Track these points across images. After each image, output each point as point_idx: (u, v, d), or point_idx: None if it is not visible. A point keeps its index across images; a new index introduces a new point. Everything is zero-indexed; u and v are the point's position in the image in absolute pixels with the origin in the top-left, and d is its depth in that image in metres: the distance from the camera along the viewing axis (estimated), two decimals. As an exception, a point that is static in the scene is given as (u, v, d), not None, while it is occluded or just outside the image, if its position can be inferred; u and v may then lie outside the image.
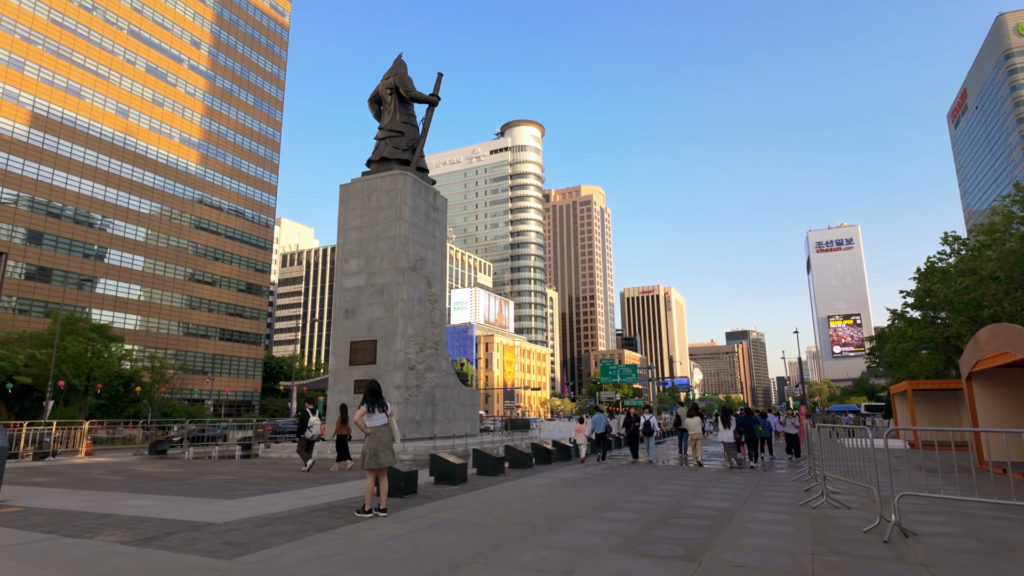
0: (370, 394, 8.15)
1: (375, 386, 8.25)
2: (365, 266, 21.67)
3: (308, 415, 16.05)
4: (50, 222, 66.06)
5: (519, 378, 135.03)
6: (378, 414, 7.99)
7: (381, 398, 8.13)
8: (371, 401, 8.05)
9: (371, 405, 8.03)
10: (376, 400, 8.05)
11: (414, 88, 23.76)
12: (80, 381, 43.44)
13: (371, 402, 8.04)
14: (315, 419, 16.15)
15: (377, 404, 8.02)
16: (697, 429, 18.31)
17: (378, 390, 8.22)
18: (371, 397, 8.09)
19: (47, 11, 68.45)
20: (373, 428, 7.93)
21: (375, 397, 8.09)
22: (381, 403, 8.06)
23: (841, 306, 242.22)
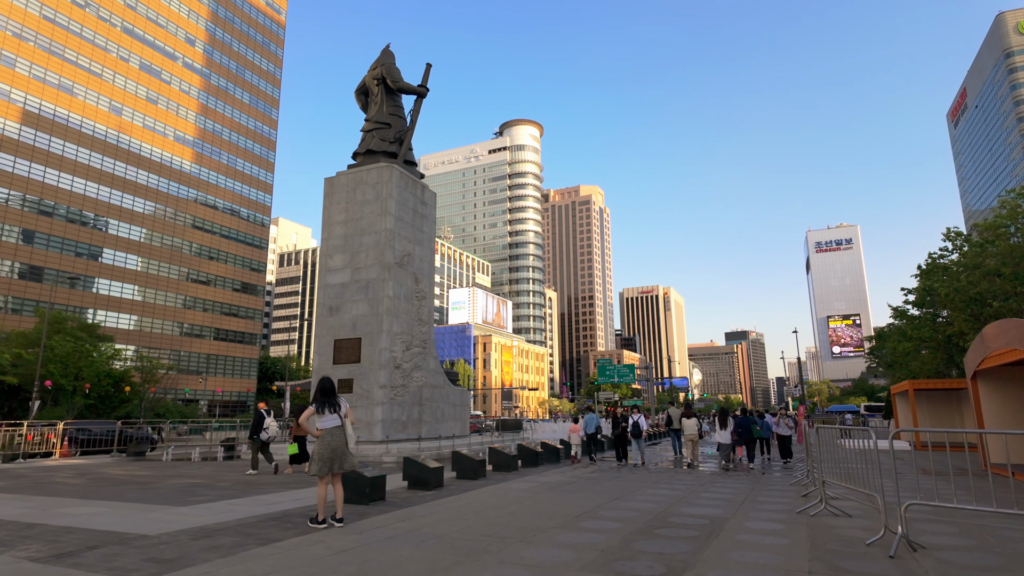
0: (320, 392, 7.43)
1: (326, 384, 7.52)
2: (350, 262, 20.99)
3: (263, 416, 15.39)
4: (41, 220, 65.36)
5: (517, 378, 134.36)
6: (329, 415, 7.29)
7: (334, 397, 7.42)
8: (321, 400, 7.35)
9: (321, 405, 7.33)
10: (327, 399, 7.35)
11: (402, 79, 23.08)
12: (68, 381, 42.77)
13: (321, 402, 7.34)
14: (270, 420, 15.48)
15: (328, 404, 7.32)
16: (693, 430, 17.93)
17: (331, 388, 7.50)
18: (321, 396, 7.38)
19: (39, 7, 67.77)
20: (323, 431, 7.25)
21: (326, 396, 7.38)
22: (333, 403, 7.35)
23: (840, 306, 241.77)
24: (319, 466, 7.09)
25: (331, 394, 7.45)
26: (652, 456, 20.78)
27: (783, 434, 18.92)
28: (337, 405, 7.38)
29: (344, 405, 7.47)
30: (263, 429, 15.14)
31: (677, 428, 20.39)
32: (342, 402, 7.47)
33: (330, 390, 7.47)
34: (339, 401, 7.45)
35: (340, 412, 7.35)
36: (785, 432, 18.97)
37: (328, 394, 7.43)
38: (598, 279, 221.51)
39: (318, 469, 7.09)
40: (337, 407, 7.36)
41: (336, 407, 7.35)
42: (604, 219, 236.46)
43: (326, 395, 7.41)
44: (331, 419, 7.31)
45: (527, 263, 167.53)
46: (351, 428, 7.43)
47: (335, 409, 7.34)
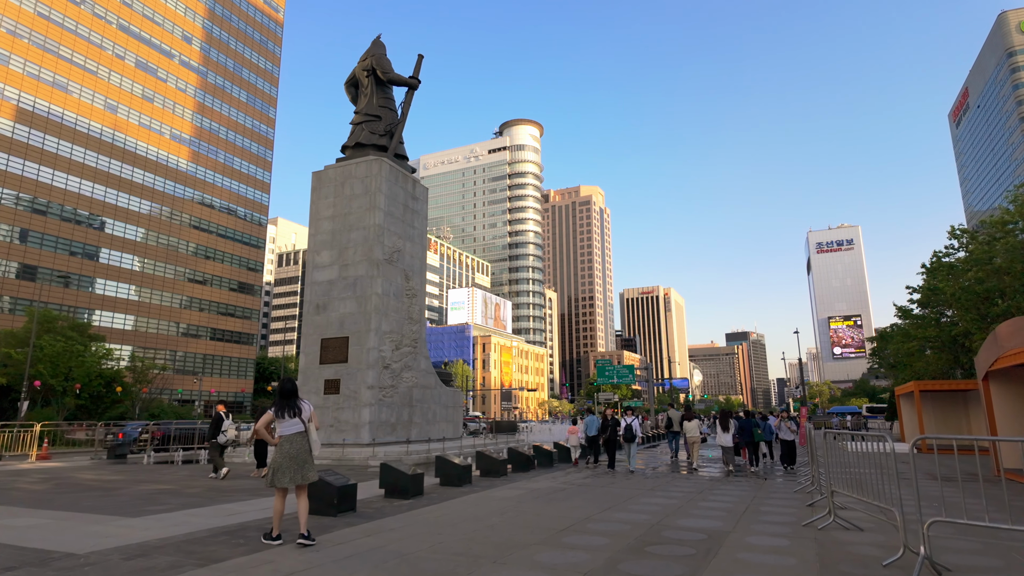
0: (280, 395, 6.74)
1: (287, 386, 6.82)
2: (337, 258, 20.31)
3: (221, 418, 14.80)
4: (35, 219, 64.69)
5: (517, 379, 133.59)
6: (289, 419, 6.60)
7: (294, 400, 6.73)
8: (281, 404, 6.66)
9: (280, 409, 6.63)
10: (287, 403, 6.65)
11: (392, 70, 22.41)
12: (58, 381, 42.04)
13: (281, 405, 6.64)
14: (229, 422, 14.90)
15: (288, 408, 6.63)
16: (695, 433, 17.46)
17: (292, 390, 6.80)
18: (281, 399, 6.69)
19: (34, 4, 67.14)
20: (282, 438, 6.56)
21: (286, 399, 6.68)
22: (293, 407, 6.65)
23: (842, 307, 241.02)
24: (275, 476, 6.41)
25: (292, 396, 6.76)
26: (650, 459, 20.10)
27: (786, 439, 17.79)
28: (298, 408, 6.68)
29: (307, 408, 6.77)
30: (221, 432, 14.53)
31: (676, 431, 19.78)
32: (304, 405, 6.77)
33: (291, 392, 6.78)
34: (301, 404, 6.75)
35: (302, 416, 6.66)
36: (788, 436, 17.84)
37: (288, 396, 6.74)
38: (598, 279, 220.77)
39: (273, 480, 6.40)
40: (298, 410, 6.66)
41: (297, 411, 6.66)
42: (604, 219, 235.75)
43: (286, 398, 6.72)
44: (292, 424, 6.61)
45: (527, 263, 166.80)
46: (315, 434, 6.74)
47: (296, 413, 6.64)
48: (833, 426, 51.30)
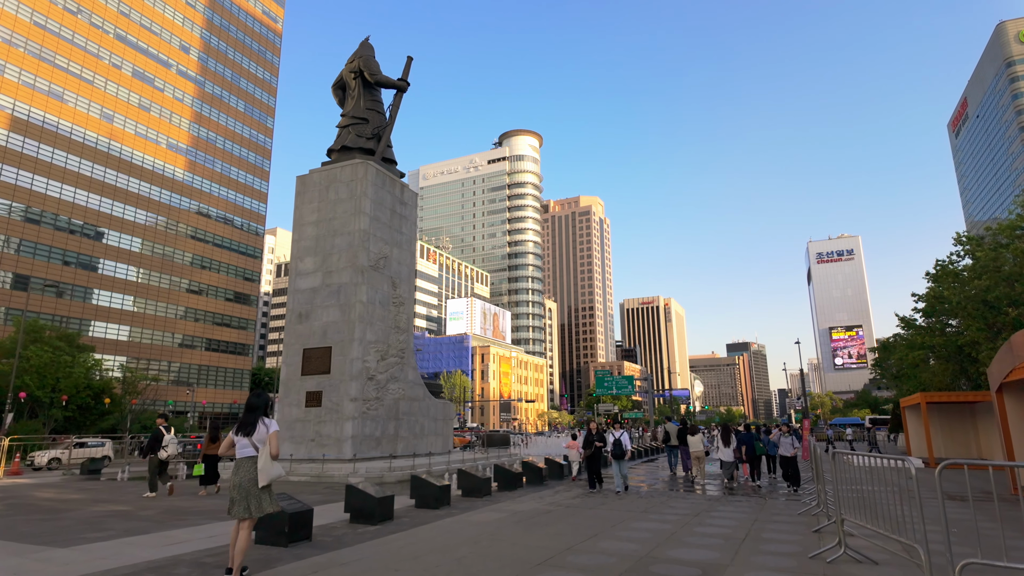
0: (246, 410, 5.96)
1: (252, 400, 6.00)
2: (321, 264, 19.54)
3: (161, 432, 13.96)
4: (28, 228, 64.08)
5: (516, 390, 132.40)
6: (242, 440, 5.81)
7: (254, 417, 5.91)
8: (242, 421, 5.88)
9: (237, 427, 5.86)
10: (245, 420, 5.86)
11: (380, 72, 21.77)
12: (45, 393, 41.21)
13: (241, 422, 5.87)
14: (170, 437, 14.08)
15: (244, 427, 5.83)
16: (699, 447, 16.76)
17: (254, 406, 5.97)
18: (245, 414, 5.93)
19: (30, 13, 66.90)
20: (234, 462, 5.80)
21: (249, 414, 5.89)
22: (248, 425, 5.84)
23: (842, 317, 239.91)
24: (231, 507, 5.64)
25: (252, 412, 5.92)
26: (648, 475, 19.23)
27: (786, 455, 15.40)
28: (252, 427, 5.83)
29: (263, 428, 5.87)
30: (161, 447, 13.68)
31: (674, 444, 19.01)
32: (263, 424, 5.88)
33: (252, 407, 5.95)
34: (258, 421, 5.87)
35: (254, 438, 5.80)
36: (788, 452, 15.44)
37: (252, 411, 5.92)
38: (598, 290, 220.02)
39: (231, 511, 5.64)
40: (251, 429, 5.81)
41: (251, 429, 5.81)
42: (604, 230, 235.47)
43: (249, 412, 5.92)
44: (243, 447, 5.80)
45: (526, 273, 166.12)
46: (265, 459, 5.80)
47: (248, 433, 5.81)
48: (846, 438, 49.99)
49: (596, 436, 13.98)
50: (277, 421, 18.07)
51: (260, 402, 6.02)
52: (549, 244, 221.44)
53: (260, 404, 6.01)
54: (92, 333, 67.83)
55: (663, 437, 20.00)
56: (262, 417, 5.94)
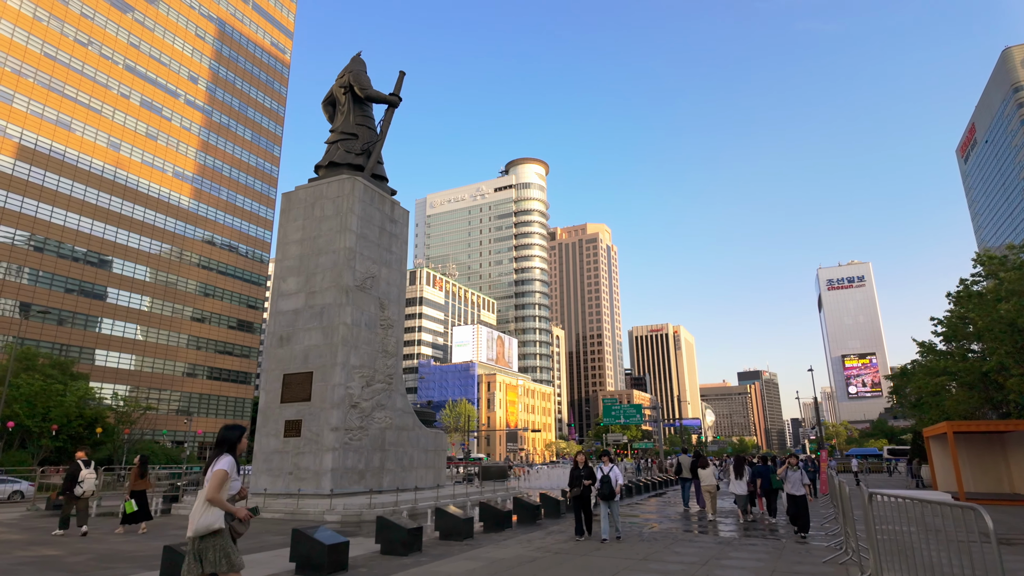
0: (215, 444, 5.04)
1: (222, 434, 5.05)
2: (304, 285, 18.50)
3: (79, 467, 12.81)
4: (31, 255, 63.92)
5: (523, 419, 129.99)
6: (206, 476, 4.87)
7: (215, 452, 4.95)
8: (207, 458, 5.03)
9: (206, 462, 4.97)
10: (210, 456, 4.97)
11: (371, 86, 21.05)
12: (35, 422, 40.12)
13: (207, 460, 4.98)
14: (88, 472, 12.96)
15: (209, 462, 4.93)
16: (711, 480, 15.69)
17: (223, 439, 5.02)
18: (212, 450, 5.02)
19: (40, 45, 67.89)
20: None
21: (214, 450, 4.98)
22: (210, 459, 4.93)
23: (855, 345, 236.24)
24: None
25: (218, 447, 4.96)
26: (657, 510, 17.74)
27: (795, 493, 12.63)
28: (211, 460, 4.88)
29: (222, 463, 4.84)
30: (77, 483, 12.48)
31: (687, 477, 18.03)
32: (217, 462, 4.86)
33: (221, 441, 4.99)
34: (217, 456, 4.89)
35: (206, 477, 4.82)
36: (798, 491, 12.65)
37: (216, 447, 4.97)
38: (606, 317, 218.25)
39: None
40: (210, 462, 4.88)
41: (206, 469, 4.88)
42: (612, 257, 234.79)
43: (214, 448, 4.99)
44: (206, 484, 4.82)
45: (533, 300, 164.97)
46: (197, 505, 4.74)
47: (208, 465, 4.89)
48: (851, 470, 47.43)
49: (583, 472, 11.45)
50: (256, 452, 16.82)
51: (230, 436, 5.01)
52: (556, 272, 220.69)
53: (229, 438, 4.99)
54: (96, 361, 67.32)
55: (676, 469, 19.05)
56: (220, 455, 4.89)
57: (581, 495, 11.40)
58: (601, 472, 11.40)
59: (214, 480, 4.68)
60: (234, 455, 4.88)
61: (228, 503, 4.69)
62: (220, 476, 4.70)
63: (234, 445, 4.94)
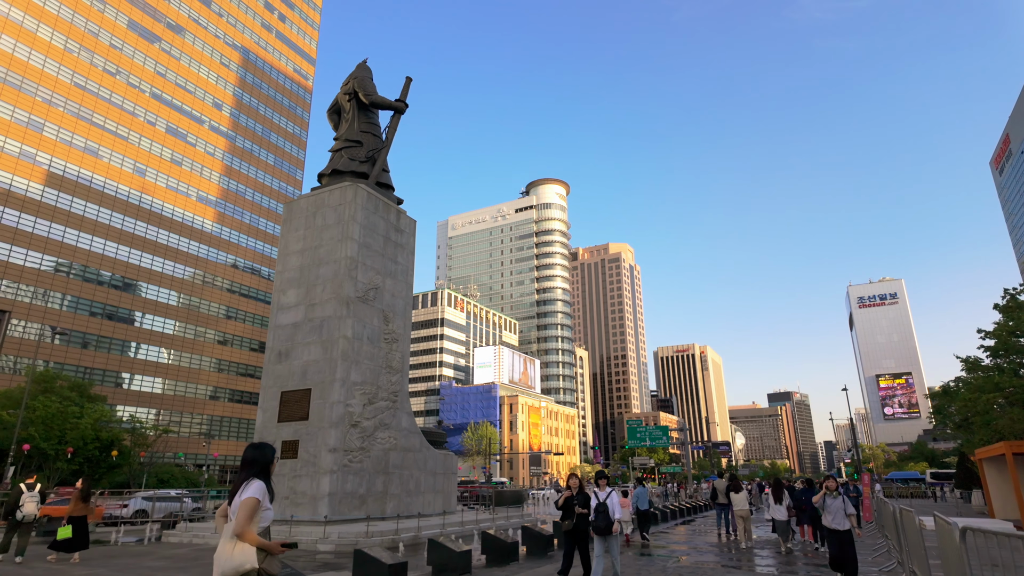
0: (240, 468, 4.31)
1: (248, 455, 4.29)
2: (304, 297, 17.57)
3: (20, 491, 12.26)
4: (57, 279, 64.84)
5: (547, 442, 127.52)
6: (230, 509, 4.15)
7: (243, 476, 4.20)
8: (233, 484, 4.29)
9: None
10: (236, 480, 4.20)
11: (376, 92, 20.32)
12: (50, 445, 39.79)
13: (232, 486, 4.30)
14: (30, 495, 12.40)
15: (231, 494, 4.21)
16: (744, 505, 14.73)
17: (250, 461, 4.26)
18: (239, 473, 4.29)
19: (71, 75, 69.74)
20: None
21: (241, 472, 4.24)
22: (235, 489, 4.18)
23: (890, 364, 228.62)
24: None
25: (245, 469, 4.23)
26: (688, 539, 16.19)
27: (839, 528, 9.74)
28: (234, 493, 4.14)
29: (243, 492, 4.05)
30: (18, 507, 11.96)
31: (723, 503, 16.93)
32: (246, 487, 4.07)
33: (247, 463, 4.26)
34: (244, 484, 4.10)
35: (232, 508, 4.08)
36: (841, 524, 9.76)
37: (242, 469, 4.25)
38: (630, 338, 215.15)
39: None
40: (232, 497, 4.15)
41: (232, 497, 4.16)
42: (635, 277, 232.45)
43: (240, 472, 4.26)
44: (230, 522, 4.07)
45: (555, 320, 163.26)
46: (224, 542, 3.95)
47: (231, 501, 4.15)
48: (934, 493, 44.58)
49: (578, 499, 9.29)
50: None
51: (258, 457, 4.25)
52: (579, 292, 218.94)
53: (257, 460, 4.23)
54: (123, 385, 67.96)
55: (710, 494, 17.87)
56: (249, 480, 4.11)
57: (575, 528, 9.15)
58: (596, 499, 9.03)
59: (244, 511, 3.87)
60: (267, 479, 4.16)
61: (261, 538, 3.92)
62: (251, 506, 3.92)
63: (266, 467, 4.22)
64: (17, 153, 63.75)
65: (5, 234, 61.32)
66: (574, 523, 9.12)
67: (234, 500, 4.09)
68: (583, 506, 9.16)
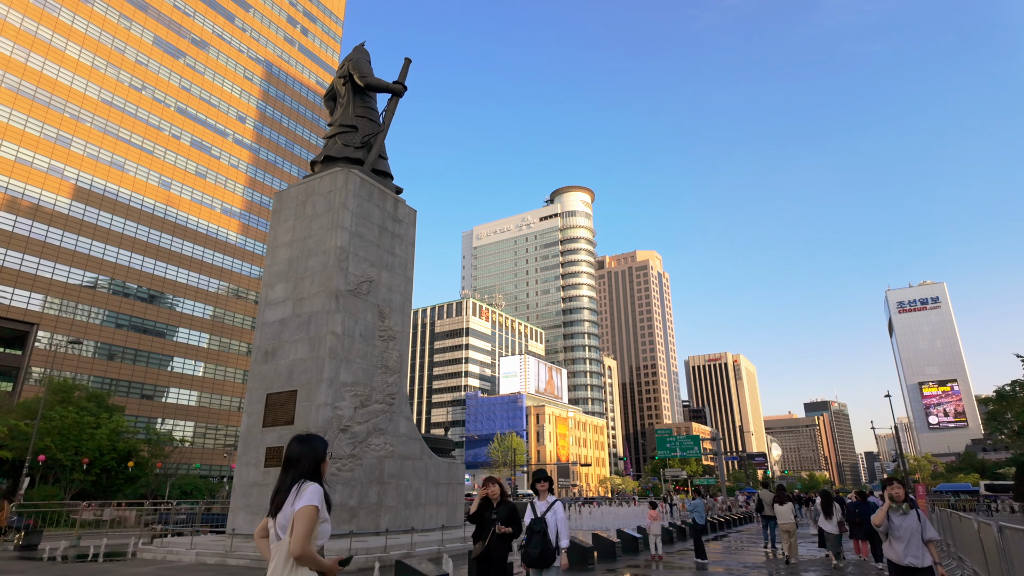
0: (282, 468, 3.48)
1: (293, 450, 3.41)
2: (292, 291, 16.24)
3: None
4: (84, 292, 65.52)
5: (575, 453, 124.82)
6: (270, 521, 3.33)
7: (288, 479, 3.33)
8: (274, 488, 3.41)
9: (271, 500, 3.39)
10: (279, 485, 3.36)
11: (372, 74, 19.04)
12: (66, 456, 39.42)
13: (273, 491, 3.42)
14: None
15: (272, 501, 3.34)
16: (789, 518, 14.07)
17: (294, 457, 3.39)
18: (280, 476, 3.43)
19: (98, 91, 70.92)
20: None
21: (283, 475, 3.40)
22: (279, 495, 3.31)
23: (933, 371, 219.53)
24: None
25: (289, 469, 3.38)
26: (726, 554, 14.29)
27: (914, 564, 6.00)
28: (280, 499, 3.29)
29: (298, 498, 3.21)
30: None
31: (770, 515, 15.80)
32: (301, 493, 3.22)
33: (291, 461, 3.39)
34: (292, 489, 3.28)
35: (279, 519, 3.24)
36: (919, 559, 5.99)
37: (286, 469, 3.41)
38: (660, 347, 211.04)
39: None
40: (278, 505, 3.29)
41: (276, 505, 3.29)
42: (663, 284, 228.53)
43: (282, 473, 3.44)
44: (274, 536, 3.27)
45: (582, 329, 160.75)
46: (280, 566, 3.11)
47: (274, 510, 3.29)
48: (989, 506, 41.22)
49: (498, 511, 6.20)
50: (235, 484, 14.32)
51: (306, 453, 3.38)
52: (606, 300, 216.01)
53: (305, 457, 3.37)
54: (163, 398, 68.85)
55: (756, 506, 16.73)
56: (300, 482, 3.30)
57: (487, 555, 6.05)
58: (532, 513, 6.23)
59: (303, 523, 3.04)
60: (321, 480, 3.35)
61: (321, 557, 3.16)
62: (310, 517, 3.08)
63: (318, 466, 3.39)
64: (46, 168, 64.81)
65: (34, 247, 62.19)
66: (487, 546, 5.97)
67: (282, 511, 3.19)
68: (508, 522, 6.07)
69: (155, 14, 77.69)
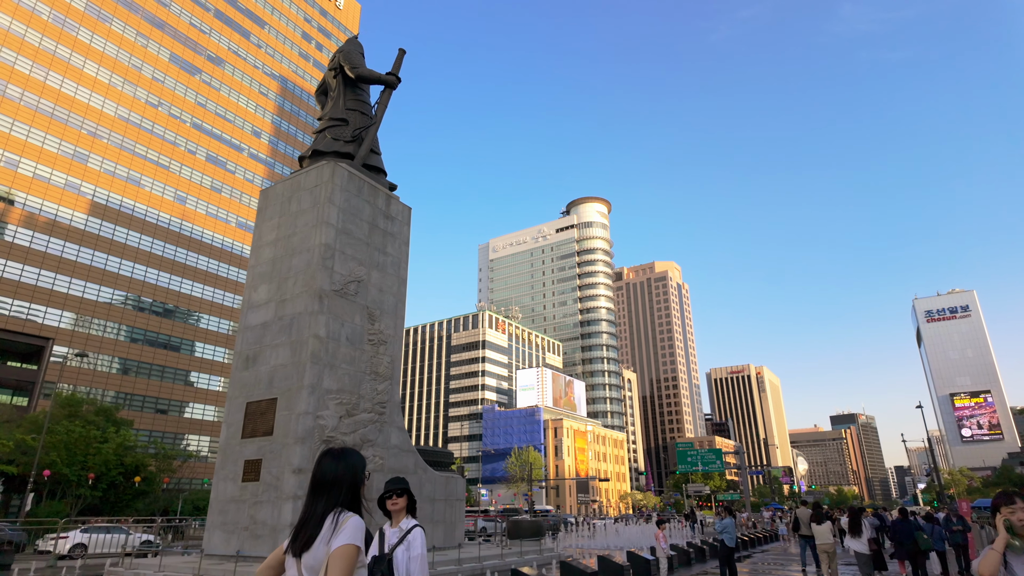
0: (310, 490, 2.72)
1: (326, 469, 2.69)
2: (275, 293, 15.20)
3: None
4: (99, 307, 65.69)
5: (594, 467, 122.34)
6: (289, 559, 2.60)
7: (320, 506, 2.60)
8: (299, 519, 2.65)
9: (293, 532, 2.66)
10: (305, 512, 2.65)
11: (363, 65, 18.11)
12: (73, 471, 38.85)
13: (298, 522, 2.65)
14: None
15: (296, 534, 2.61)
16: (828, 539, 13.17)
17: (325, 479, 2.67)
18: (307, 501, 2.70)
19: (115, 108, 71.69)
20: None
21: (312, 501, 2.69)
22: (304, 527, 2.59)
23: (965, 382, 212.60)
24: None
25: (320, 494, 2.66)
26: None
27: None
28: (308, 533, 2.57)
29: (337, 535, 2.51)
30: None
31: (806, 535, 14.84)
32: (340, 529, 2.53)
33: (322, 483, 2.68)
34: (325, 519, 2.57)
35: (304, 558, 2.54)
36: None
37: (316, 493, 2.68)
38: (681, 359, 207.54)
39: None
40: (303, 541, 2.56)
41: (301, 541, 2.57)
42: (683, 296, 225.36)
43: (310, 498, 2.71)
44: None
45: (600, 341, 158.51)
46: None
47: (299, 548, 2.57)
48: None
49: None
50: (211, 501, 13.18)
51: (342, 474, 2.70)
52: (624, 312, 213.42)
53: (341, 479, 2.68)
54: (181, 413, 68.87)
55: (792, 525, 16.33)
56: (334, 510, 2.62)
57: None
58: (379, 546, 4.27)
59: (340, 569, 2.41)
60: (360, 509, 2.70)
61: None
62: (350, 561, 2.47)
63: (356, 489, 2.72)
64: (63, 184, 65.37)
65: (50, 263, 62.55)
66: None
67: (310, 550, 2.52)
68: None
69: (171, 32, 78.63)
